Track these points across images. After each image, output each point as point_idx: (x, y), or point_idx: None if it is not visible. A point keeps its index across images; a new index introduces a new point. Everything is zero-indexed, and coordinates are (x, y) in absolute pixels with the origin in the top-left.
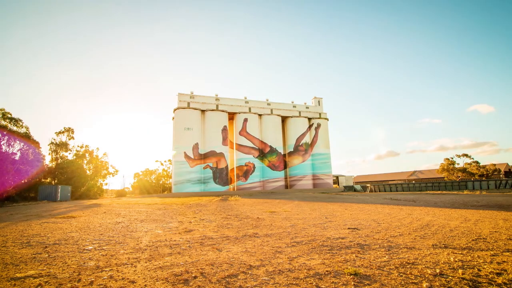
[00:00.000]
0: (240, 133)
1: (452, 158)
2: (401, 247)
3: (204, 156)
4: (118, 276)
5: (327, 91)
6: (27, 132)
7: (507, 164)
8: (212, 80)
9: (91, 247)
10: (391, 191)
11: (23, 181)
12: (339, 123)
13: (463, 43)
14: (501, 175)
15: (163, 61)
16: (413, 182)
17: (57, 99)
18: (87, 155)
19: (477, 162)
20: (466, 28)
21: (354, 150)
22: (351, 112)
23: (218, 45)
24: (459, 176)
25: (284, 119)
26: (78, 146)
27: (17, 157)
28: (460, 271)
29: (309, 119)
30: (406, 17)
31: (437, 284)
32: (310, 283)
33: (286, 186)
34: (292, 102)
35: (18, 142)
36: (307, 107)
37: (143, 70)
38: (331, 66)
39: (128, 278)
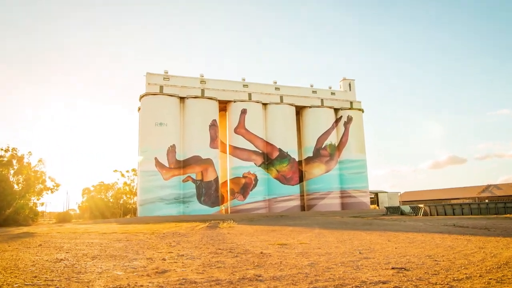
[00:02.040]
0: (236, 131)
1: None
2: None
3: (184, 164)
4: None
5: (360, 71)
6: None
7: None
8: (195, 56)
9: None
10: (454, 214)
11: None
12: (378, 117)
13: None
14: None
15: (127, 30)
16: (486, 201)
17: None
18: (14, 162)
19: None
20: None
21: (400, 156)
22: (395, 101)
23: (205, 10)
24: None
25: (299, 110)
26: (1, 149)
27: None
28: None
29: (336, 110)
30: None
31: None
32: None
33: (303, 207)
34: (312, 86)
35: None
36: (332, 93)
37: (99, 43)
38: (365, 34)
39: None
